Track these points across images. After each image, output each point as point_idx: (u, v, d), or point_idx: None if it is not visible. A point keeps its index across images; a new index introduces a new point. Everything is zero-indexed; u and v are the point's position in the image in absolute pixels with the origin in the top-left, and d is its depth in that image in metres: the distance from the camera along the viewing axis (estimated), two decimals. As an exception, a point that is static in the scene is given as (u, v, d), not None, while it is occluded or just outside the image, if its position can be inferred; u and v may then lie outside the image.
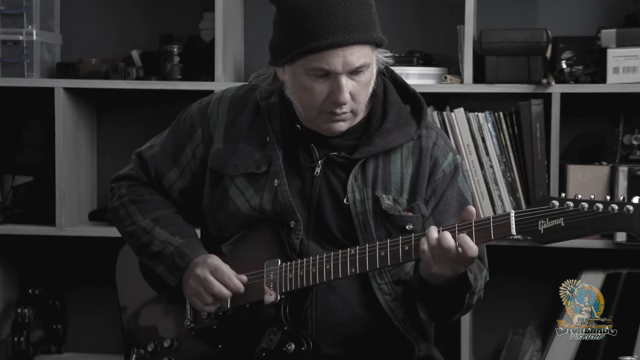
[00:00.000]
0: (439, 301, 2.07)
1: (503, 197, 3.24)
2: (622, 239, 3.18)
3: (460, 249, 1.92)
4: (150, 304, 2.27)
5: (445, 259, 1.94)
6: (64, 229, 3.43)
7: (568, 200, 1.86)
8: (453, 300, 2.06)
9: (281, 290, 2.08)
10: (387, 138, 2.13)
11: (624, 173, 3.18)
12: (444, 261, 1.94)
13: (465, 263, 1.95)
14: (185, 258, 2.15)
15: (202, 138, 2.22)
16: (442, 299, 2.06)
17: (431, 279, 1.99)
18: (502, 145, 3.26)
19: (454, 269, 1.95)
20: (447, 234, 1.93)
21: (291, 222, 2.11)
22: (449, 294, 2.03)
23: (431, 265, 1.95)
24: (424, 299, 2.09)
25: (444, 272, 1.96)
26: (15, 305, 3.62)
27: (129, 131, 3.62)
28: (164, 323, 2.24)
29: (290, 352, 2.06)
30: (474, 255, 1.93)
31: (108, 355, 3.60)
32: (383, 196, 2.11)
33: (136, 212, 2.24)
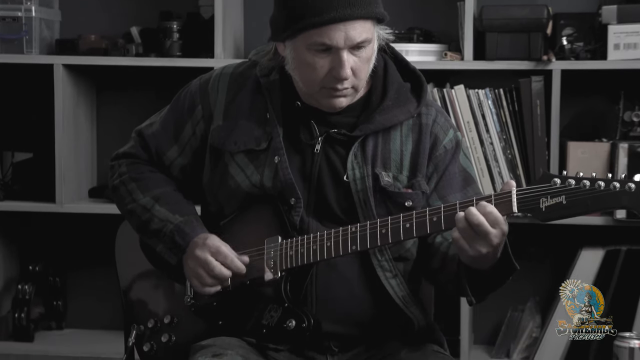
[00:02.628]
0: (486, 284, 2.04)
1: (503, 174, 3.25)
2: (621, 215, 3.18)
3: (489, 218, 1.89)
4: (150, 280, 2.27)
5: (475, 235, 1.91)
6: (63, 206, 3.43)
7: (569, 178, 1.86)
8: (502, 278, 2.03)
9: (282, 267, 2.09)
10: (387, 115, 2.13)
11: (624, 150, 3.18)
12: (476, 238, 1.91)
13: (495, 233, 1.91)
14: (185, 236, 2.15)
15: (202, 115, 2.21)
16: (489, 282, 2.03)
17: (474, 264, 1.97)
18: (502, 122, 3.26)
19: (488, 243, 1.91)
20: (472, 209, 1.92)
21: (291, 199, 2.11)
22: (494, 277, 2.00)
23: (467, 250, 1.93)
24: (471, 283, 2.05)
25: (480, 250, 1.92)
26: (16, 282, 3.62)
27: (128, 108, 3.62)
28: (163, 299, 2.24)
29: (291, 329, 2.07)
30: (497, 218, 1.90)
31: (108, 332, 3.62)
32: (382, 173, 2.11)
33: (136, 190, 2.24)
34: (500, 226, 1.90)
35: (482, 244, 1.91)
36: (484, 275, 1.99)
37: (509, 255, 1.97)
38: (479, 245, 1.91)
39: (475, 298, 2.04)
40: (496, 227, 1.90)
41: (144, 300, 2.27)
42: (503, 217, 1.91)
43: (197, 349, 2.10)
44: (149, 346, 2.23)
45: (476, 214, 1.90)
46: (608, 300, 3.25)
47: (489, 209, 1.90)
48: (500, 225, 1.90)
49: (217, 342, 2.10)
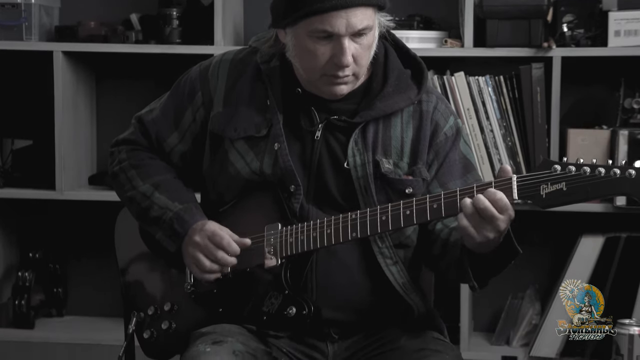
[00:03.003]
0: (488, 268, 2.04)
1: (503, 161, 3.24)
2: (621, 202, 3.18)
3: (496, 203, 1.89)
4: (150, 267, 2.27)
5: (483, 222, 1.91)
6: (63, 193, 3.43)
7: (570, 165, 1.86)
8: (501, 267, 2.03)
9: (282, 254, 2.09)
10: (387, 102, 2.12)
11: (624, 137, 3.18)
12: (484, 224, 1.91)
13: (502, 218, 1.91)
14: (184, 224, 2.15)
15: (203, 101, 2.21)
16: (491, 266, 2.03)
17: (479, 249, 1.97)
18: (502, 109, 3.26)
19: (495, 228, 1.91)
20: (480, 196, 1.91)
21: (291, 186, 2.11)
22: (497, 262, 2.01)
23: (474, 236, 1.93)
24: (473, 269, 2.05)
25: (487, 236, 1.92)
26: (16, 269, 3.63)
27: (128, 95, 3.61)
28: (164, 287, 2.24)
29: (292, 316, 2.07)
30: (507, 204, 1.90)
31: (108, 319, 3.62)
32: (383, 160, 2.11)
33: (136, 177, 2.24)
34: (508, 212, 1.91)
35: (490, 230, 1.91)
36: (486, 260, 1.99)
37: (511, 238, 1.97)
38: (487, 231, 1.91)
39: (477, 283, 2.04)
40: (504, 213, 1.90)
41: (144, 287, 2.27)
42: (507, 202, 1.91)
43: (197, 336, 2.10)
44: (149, 333, 2.23)
45: (484, 200, 1.90)
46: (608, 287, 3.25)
47: (499, 195, 1.90)
48: (508, 212, 1.91)
49: (217, 329, 2.10)
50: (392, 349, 2.11)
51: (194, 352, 2.02)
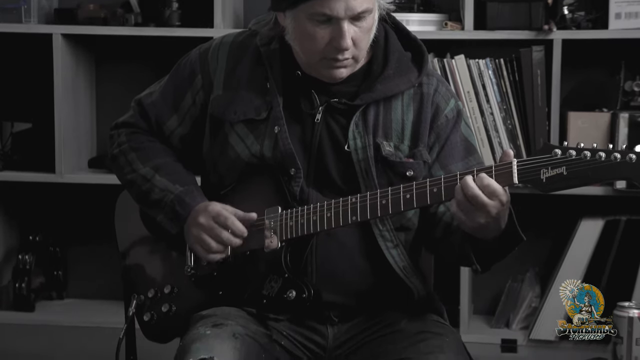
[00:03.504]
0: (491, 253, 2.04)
1: (503, 145, 3.24)
2: (621, 185, 3.18)
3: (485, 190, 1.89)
4: (150, 250, 2.27)
5: (473, 208, 1.90)
6: (63, 176, 3.43)
7: (570, 149, 1.86)
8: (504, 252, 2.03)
9: (282, 237, 2.09)
10: (388, 85, 2.12)
11: (624, 120, 3.18)
12: (474, 210, 1.91)
13: (493, 204, 1.90)
14: (185, 206, 2.15)
15: (202, 84, 2.21)
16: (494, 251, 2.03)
17: (477, 233, 1.97)
18: (502, 92, 3.25)
19: (486, 214, 1.90)
20: (469, 183, 1.91)
21: (291, 169, 2.11)
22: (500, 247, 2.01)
23: (465, 222, 1.93)
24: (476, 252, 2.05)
25: (478, 221, 1.91)
26: (16, 252, 3.63)
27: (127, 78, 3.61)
28: (164, 269, 2.24)
29: (291, 299, 2.07)
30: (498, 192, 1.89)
31: (109, 301, 3.62)
32: (384, 143, 2.11)
33: (136, 160, 2.24)
34: (498, 197, 1.90)
35: (480, 215, 1.91)
36: (488, 245, 1.99)
37: (514, 225, 1.97)
38: (477, 217, 1.91)
39: (480, 266, 2.04)
40: (494, 199, 1.90)
41: (144, 270, 2.27)
42: (503, 188, 1.91)
43: (197, 318, 2.11)
44: (150, 316, 2.23)
45: (472, 186, 1.89)
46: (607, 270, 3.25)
47: (486, 181, 1.89)
48: (498, 197, 1.90)
49: (218, 312, 2.11)
50: (392, 332, 2.12)
51: (194, 334, 2.03)
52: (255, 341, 2.05)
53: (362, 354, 2.10)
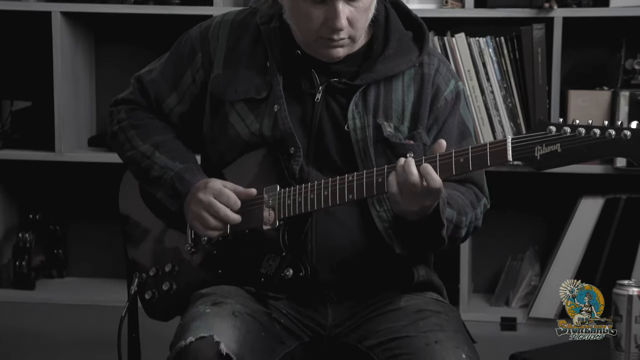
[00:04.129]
0: (414, 237, 2.06)
1: (503, 123, 3.24)
2: (622, 164, 3.18)
3: (425, 182, 1.91)
4: (152, 228, 2.27)
5: (410, 194, 1.92)
6: (63, 155, 3.43)
7: (565, 126, 1.84)
8: (429, 237, 2.05)
9: (280, 216, 2.09)
10: (388, 64, 2.11)
11: (625, 98, 3.17)
12: (410, 196, 1.93)
13: (431, 196, 1.93)
14: (185, 183, 2.15)
15: (202, 63, 2.20)
16: (417, 235, 2.05)
17: (403, 215, 1.99)
18: (503, 70, 3.25)
19: (420, 203, 1.93)
20: (413, 168, 1.92)
21: (291, 148, 2.11)
22: (422, 230, 2.02)
23: (398, 202, 1.94)
24: (399, 234, 2.09)
25: (411, 207, 1.94)
26: (16, 230, 3.64)
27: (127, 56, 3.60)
28: (165, 248, 2.25)
29: (289, 278, 2.07)
30: (437, 187, 1.91)
31: (109, 280, 3.64)
32: (385, 124, 2.10)
33: (135, 137, 2.23)
34: (438, 193, 1.92)
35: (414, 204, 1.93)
36: (411, 226, 2.01)
37: (437, 211, 1.98)
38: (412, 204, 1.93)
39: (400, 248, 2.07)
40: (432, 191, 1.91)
41: (146, 248, 2.27)
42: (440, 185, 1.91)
43: (197, 297, 2.11)
44: (151, 294, 2.24)
45: (415, 174, 1.91)
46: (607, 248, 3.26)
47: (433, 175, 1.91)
48: (439, 193, 1.92)
49: (217, 290, 2.11)
50: (392, 310, 2.12)
51: (193, 313, 2.03)
52: (254, 320, 2.05)
53: (362, 332, 2.11)
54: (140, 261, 2.27)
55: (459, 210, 2.07)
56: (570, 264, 3.29)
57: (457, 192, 2.11)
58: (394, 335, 2.05)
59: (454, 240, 2.09)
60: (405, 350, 2.01)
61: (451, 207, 2.04)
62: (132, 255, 2.30)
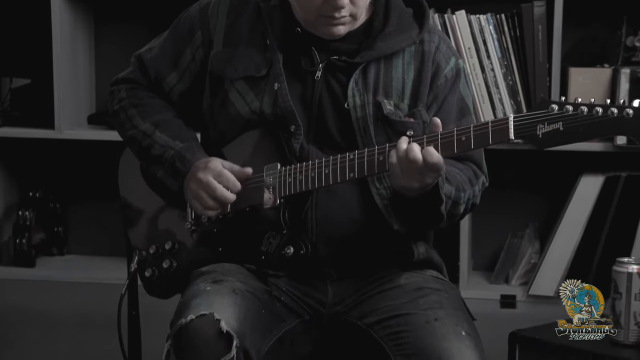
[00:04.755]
0: (412, 213, 2.07)
1: (504, 101, 3.23)
2: (622, 141, 3.18)
3: (426, 160, 1.91)
4: (152, 207, 2.27)
5: (411, 171, 1.93)
6: (63, 132, 3.43)
7: (567, 104, 1.84)
8: (427, 213, 2.05)
9: (280, 194, 2.09)
10: (388, 42, 2.11)
11: (625, 75, 3.17)
12: (411, 173, 1.93)
13: (431, 174, 1.94)
14: (185, 162, 2.15)
15: (202, 41, 2.20)
16: (415, 211, 2.05)
17: (402, 191, 1.99)
18: (503, 48, 3.24)
19: (420, 180, 1.94)
20: (415, 145, 1.92)
21: (291, 126, 2.11)
22: (421, 206, 2.03)
23: (399, 178, 1.95)
24: (397, 211, 2.09)
25: (412, 184, 1.95)
26: (16, 208, 3.64)
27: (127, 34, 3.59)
28: (165, 226, 2.25)
29: (289, 255, 2.07)
30: (439, 165, 1.91)
31: (110, 258, 3.64)
32: (385, 101, 2.10)
33: (136, 116, 2.23)
34: (438, 172, 1.93)
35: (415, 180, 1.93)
36: (410, 202, 2.01)
37: (436, 187, 1.98)
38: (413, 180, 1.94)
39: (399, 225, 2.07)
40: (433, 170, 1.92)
41: (146, 226, 2.28)
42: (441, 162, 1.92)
43: (197, 275, 2.11)
44: (151, 272, 2.24)
45: (416, 152, 1.91)
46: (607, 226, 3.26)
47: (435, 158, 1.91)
48: (439, 172, 1.93)
49: (217, 268, 2.11)
50: (392, 288, 2.12)
51: (194, 290, 2.03)
52: (255, 297, 2.05)
53: (362, 310, 2.11)
54: (140, 239, 2.27)
55: (458, 187, 2.07)
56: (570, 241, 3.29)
57: (456, 168, 2.11)
58: (394, 313, 2.05)
59: (452, 216, 2.10)
60: (404, 328, 2.01)
61: (450, 184, 2.04)
62: (132, 233, 2.30)
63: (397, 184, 1.98)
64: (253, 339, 1.98)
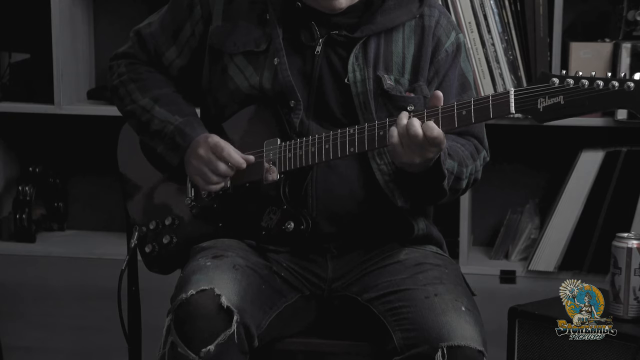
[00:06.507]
0: (415, 189, 2.07)
1: (504, 76, 3.22)
2: (622, 116, 3.17)
3: (427, 134, 1.91)
4: (152, 182, 2.27)
5: (412, 146, 1.93)
6: (62, 107, 3.42)
7: (568, 78, 1.84)
8: (430, 189, 2.05)
9: (280, 169, 2.09)
10: (389, 16, 2.10)
11: (627, 50, 3.15)
12: (412, 148, 1.93)
13: (433, 149, 1.93)
14: (185, 137, 2.14)
15: (201, 15, 2.19)
16: (418, 187, 2.05)
17: (405, 167, 1.99)
18: (504, 22, 3.22)
19: (422, 155, 1.94)
20: (415, 120, 1.92)
21: (291, 101, 2.10)
22: (423, 182, 2.03)
23: (400, 154, 1.95)
24: (400, 187, 2.09)
25: (413, 159, 1.94)
26: (16, 183, 3.63)
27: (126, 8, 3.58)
28: (165, 201, 2.25)
29: (290, 231, 2.08)
30: (439, 139, 1.91)
31: (110, 233, 3.64)
32: (385, 76, 2.09)
33: (135, 91, 2.23)
34: (439, 146, 1.93)
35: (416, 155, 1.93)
36: (413, 177, 2.01)
37: (439, 162, 1.98)
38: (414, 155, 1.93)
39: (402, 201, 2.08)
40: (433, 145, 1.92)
41: (146, 202, 2.28)
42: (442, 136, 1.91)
43: (197, 250, 2.12)
44: (151, 247, 2.25)
45: (417, 126, 1.90)
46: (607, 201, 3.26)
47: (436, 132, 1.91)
48: (439, 145, 1.92)
49: (218, 244, 2.11)
50: (392, 263, 2.12)
51: (194, 266, 2.04)
52: (255, 273, 2.06)
53: (362, 286, 2.12)
54: (140, 214, 2.28)
55: (460, 162, 2.06)
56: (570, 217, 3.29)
57: (458, 143, 2.11)
58: (394, 288, 2.06)
59: (455, 192, 2.10)
60: (404, 303, 2.02)
61: (452, 159, 2.04)
62: (131, 207, 2.30)
63: (398, 160, 1.98)
64: (253, 314, 1.98)
